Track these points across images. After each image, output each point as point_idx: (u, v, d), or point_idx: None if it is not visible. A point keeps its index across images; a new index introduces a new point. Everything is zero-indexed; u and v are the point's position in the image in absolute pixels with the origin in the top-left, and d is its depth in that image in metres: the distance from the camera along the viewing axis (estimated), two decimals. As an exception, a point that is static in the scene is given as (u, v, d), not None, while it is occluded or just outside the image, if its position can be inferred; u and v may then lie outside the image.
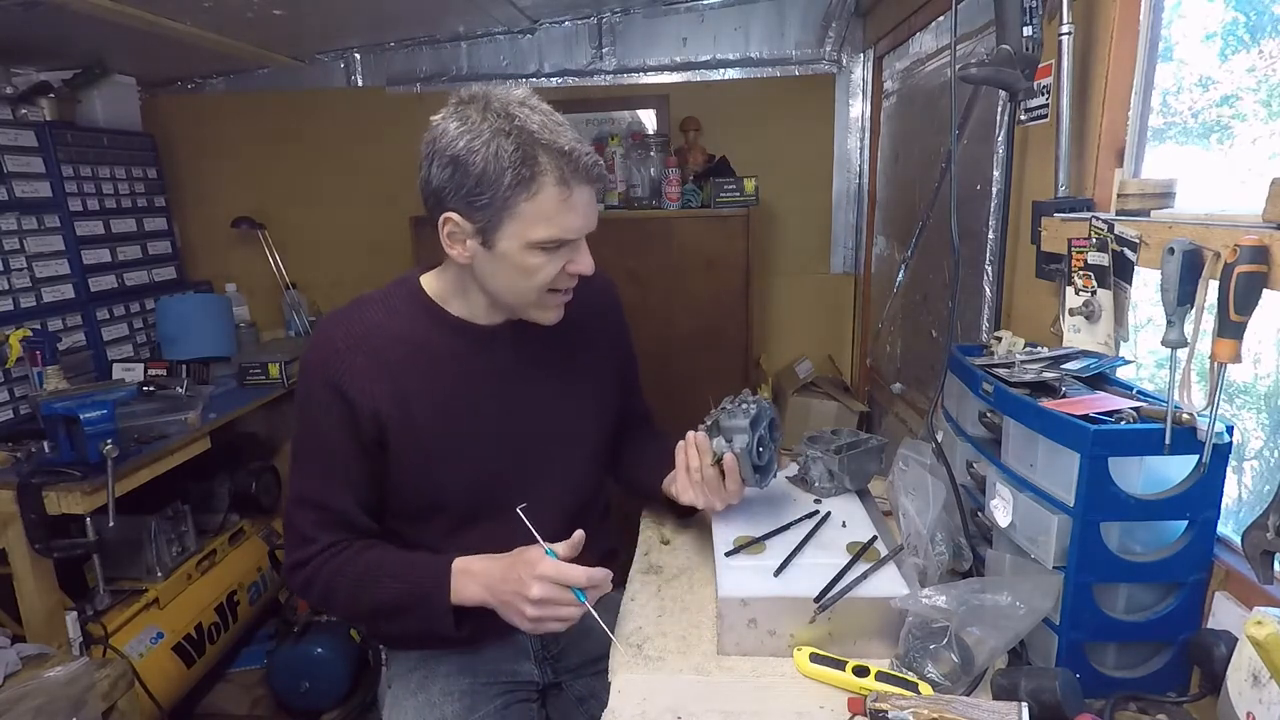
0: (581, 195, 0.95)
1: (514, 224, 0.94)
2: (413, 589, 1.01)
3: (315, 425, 1.04)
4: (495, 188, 0.91)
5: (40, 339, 1.91)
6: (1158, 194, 1.01)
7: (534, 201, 0.92)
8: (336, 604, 1.06)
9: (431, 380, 1.05)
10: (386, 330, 1.05)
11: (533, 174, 0.91)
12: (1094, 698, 0.82)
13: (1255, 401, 1.01)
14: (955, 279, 1.26)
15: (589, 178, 0.94)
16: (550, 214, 0.93)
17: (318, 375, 1.02)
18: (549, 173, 0.91)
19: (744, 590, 0.95)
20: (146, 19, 1.89)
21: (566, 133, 0.93)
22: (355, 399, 1.01)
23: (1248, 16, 0.99)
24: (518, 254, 0.96)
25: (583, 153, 0.93)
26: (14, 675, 1.48)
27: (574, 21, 2.52)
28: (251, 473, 2.42)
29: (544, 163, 0.91)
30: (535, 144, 0.91)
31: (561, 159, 0.91)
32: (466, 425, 1.07)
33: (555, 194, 0.92)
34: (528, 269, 0.97)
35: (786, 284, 2.65)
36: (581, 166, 0.93)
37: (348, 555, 1.04)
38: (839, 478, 1.24)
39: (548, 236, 0.94)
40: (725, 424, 1.09)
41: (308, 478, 1.05)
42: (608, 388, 1.23)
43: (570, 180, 0.92)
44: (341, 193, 2.72)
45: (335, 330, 1.05)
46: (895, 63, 2.16)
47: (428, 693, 1.11)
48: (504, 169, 0.90)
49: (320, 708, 2.15)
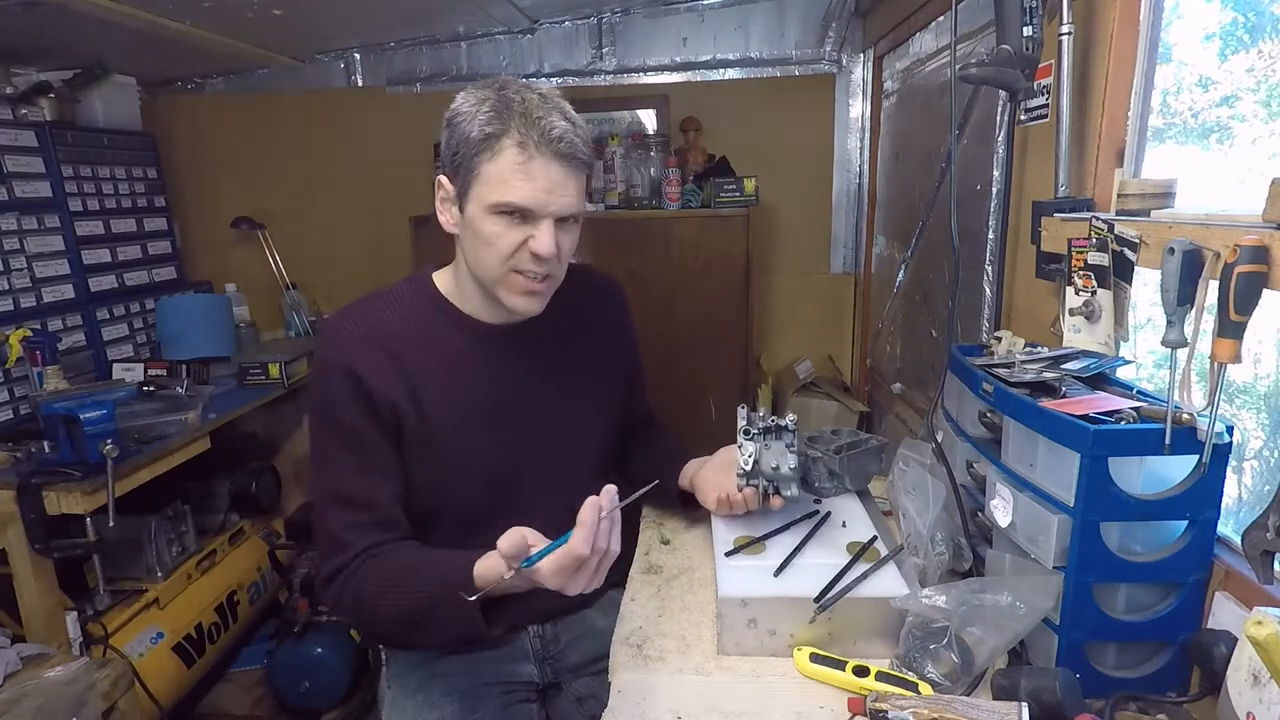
0: (542, 166, 0.93)
1: (478, 186, 0.95)
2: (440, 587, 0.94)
3: (337, 418, 1.01)
4: (465, 146, 0.94)
5: (40, 339, 1.91)
6: (1158, 194, 1.01)
7: (494, 163, 0.93)
8: (369, 610, 0.99)
9: (442, 378, 1.05)
10: (398, 327, 1.05)
11: (497, 133, 0.92)
12: (1094, 698, 0.82)
13: (1255, 401, 1.01)
14: (955, 279, 1.26)
15: (555, 151, 0.92)
16: (506, 177, 0.93)
17: (335, 367, 1.00)
18: (510, 134, 0.92)
19: (744, 590, 0.95)
20: (146, 19, 1.89)
21: (552, 114, 0.93)
22: (373, 388, 1.00)
23: (1247, 17, 0.99)
24: (479, 219, 0.96)
25: (554, 125, 0.92)
26: (14, 675, 1.48)
27: (574, 21, 2.52)
28: (251, 473, 2.42)
29: (510, 125, 0.92)
30: (509, 109, 0.92)
31: (526, 125, 0.91)
32: (476, 425, 1.07)
33: (513, 156, 0.92)
34: (487, 238, 0.96)
35: (786, 284, 2.65)
36: (547, 137, 0.92)
37: (375, 562, 0.99)
38: (839, 478, 1.24)
39: (500, 200, 0.93)
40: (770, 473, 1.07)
41: (338, 473, 1.02)
42: (614, 388, 1.23)
43: (531, 147, 0.92)
44: (341, 193, 2.72)
45: (348, 325, 1.04)
46: (895, 63, 2.16)
47: (428, 693, 1.11)
48: (476, 127, 0.92)
49: (320, 708, 2.15)
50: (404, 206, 2.37)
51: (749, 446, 1.08)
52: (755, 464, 1.08)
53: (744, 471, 1.08)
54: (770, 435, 1.08)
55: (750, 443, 1.08)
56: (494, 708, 1.10)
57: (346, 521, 1.01)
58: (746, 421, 1.09)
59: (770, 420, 1.08)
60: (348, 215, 2.73)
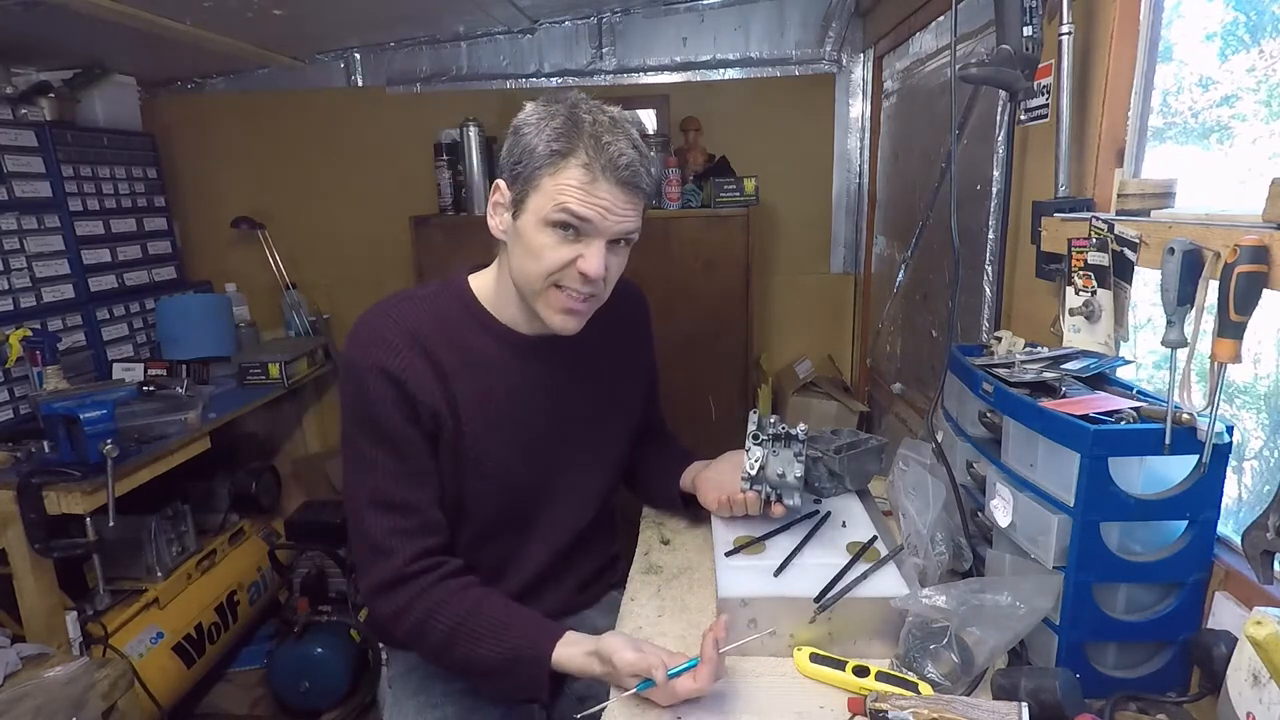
0: (606, 190, 0.93)
1: (536, 197, 0.94)
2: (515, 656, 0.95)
3: (376, 421, 0.99)
4: (531, 157, 0.93)
5: (40, 339, 1.91)
6: (1158, 194, 1.01)
7: (556, 177, 0.92)
8: (427, 643, 0.99)
9: (475, 386, 1.04)
10: (433, 330, 1.03)
11: (564, 151, 0.92)
12: (1094, 698, 0.82)
13: (1255, 401, 1.01)
14: (955, 279, 1.26)
15: (619, 178, 0.92)
16: (566, 192, 0.92)
17: (374, 370, 0.98)
18: (578, 154, 0.92)
19: (744, 590, 0.95)
20: (146, 19, 1.89)
21: (620, 139, 0.93)
22: (415, 393, 0.99)
23: (1248, 16, 0.99)
24: (532, 230, 0.95)
25: (622, 153, 0.92)
26: (14, 675, 1.48)
27: (574, 21, 2.52)
28: (251, 473, 2.42)
29: (577, 145, 0.92)
30: (579, 128, 0.92)
31: (595, 148, 0.92)
32: (504, 434, 1.07)
33: (577, 175, 0.92)
34: (535, 249, 0.96)
35: (786, 284, 2.65)
36: (614, 164, 0.92)
37: (449, 597, 0.98)
38: (839, 478, 1.23)
39: (556, 207, 0.93)
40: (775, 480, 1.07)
41: (379, 477, 1.00)
42: (635, 401, 1.24)
43: (596, 170, 0.92)
44: (341, 193, 2.72)
45: (386, 327, 1.01)
46: (895, 63, 2.16)
47: (428, 693, 1.11)
48: (543, 141, 0.93)
49: (320, 708, 2.16)
50: (404, 206, 2.37)
51: (756, 451, 1.08)
52: (761, 469, 1.07)
53: (749, 475, 1.08)
54: (779, 442, 1.08)
55: (758, 448, 1.08)
56: (494, 707, 1.10)
57: (388, 527, 0.99)
58: (756, 426, 1.09)
59: (781, 427, 1.08)
60: (348, 215, 2.73)
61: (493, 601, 1.00)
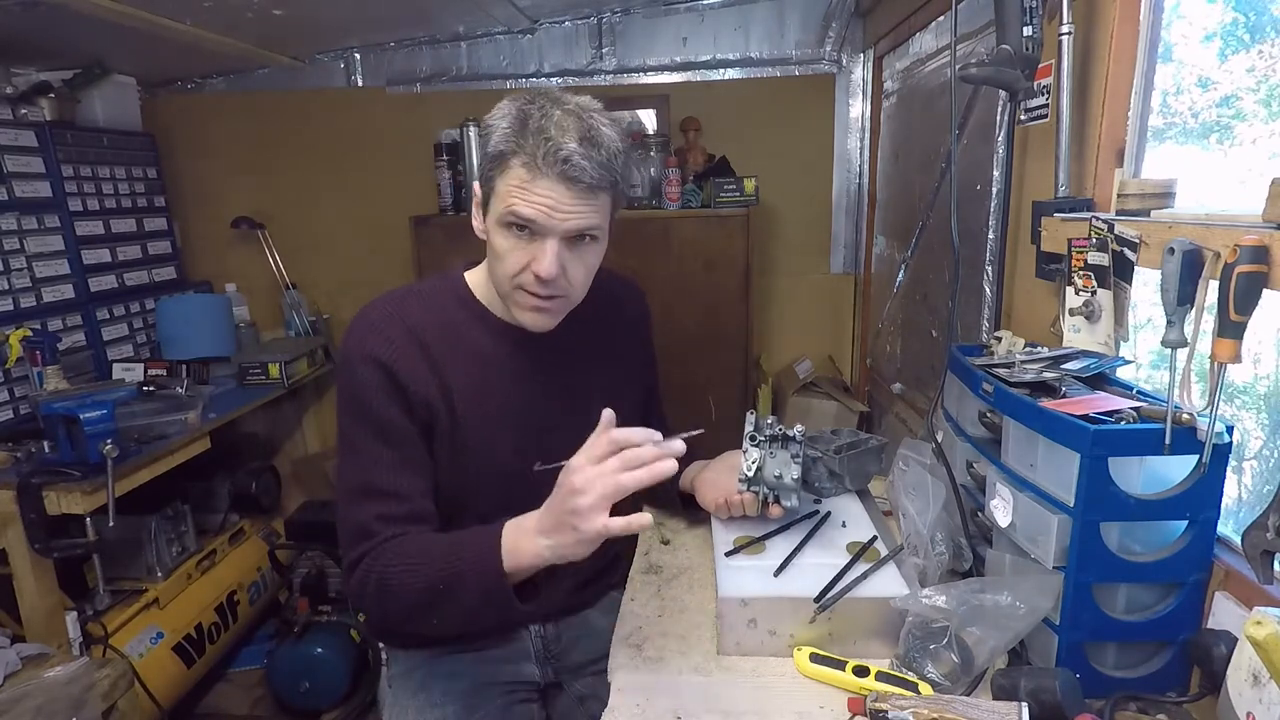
0: (546, 187, 0.91)
1: (494, 200, 0.96)
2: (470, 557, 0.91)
3: (368, 409, 0.99)
4: (487, 159, 0.95)
5: (40, 339, 1.91)
6: (1158, 194, 1.01)
7: (504, 178, 0.93)
8: (393, 593, 0.96)
9: (471, 377, 1.05)
10: (430, 322, 1.04)
11: (509, 151, 0.92)
12: (1094, 698, 0.82)
13: (1255, 401, 1.01)
14: (955, 279, 1.26)
15: (559, 173, 0.90)
16: (511, 193, 0.92)
17: (367, 359, 0.99)
18: (520, 153, 0.91)
19: (744, 590, 0.95)
20: (146, 19, 1.89)
21: (566, 133, 0.90)
22: (407, 384, 0.99)
23: (1247, 17, 0.99)
24: (494, 231, 0.97)
25: (561, 147, 0.89)
26: (14, 675, 1.48)
27: (574, 21, 2.52)
28: (251, 473, 2.42)
29: (522, 144, 0.91)
30: (525, 125, 0.91)
31: (538, 145, 0.90)
32: (500, 425, 1.07)
33: (519, 175, 0.92)
34: (499, 251, 0.97)
35: (786, 284, 2.65)
36: (552, 159, 0.89)
37: (402, 541, 0.97)
38: (839, 478, 1.23)
39: (504, 210, 0.93)
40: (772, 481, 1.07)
41: (369, 465, 1.00)
42: (634, 397, 1.24)
43: (536, 167, 0.90)
44: (341, 193, 2.72)
45: (381, 320, 1.02)
46: (895, 63, 2.16)
47: (428, 693, 1.11)
48: (494, 142, 0.93)
49: (320, 708, 2.16)
50: (404, 206, 2.37)
51: (754, 452, 1.08)
52: (758, 470, 1.07)
53: (746, 477, 1.07)
54: (777, 444, 1.08)
55: (756, 449, 1.08)
56: (495, 707, 1.10)
57: (376, 512, 0.99)
58: (754, 428, 1.08)
59: (778, 429, 1.08)
60: (348, 215, 2.73)
61: (438, 535, 0.99)
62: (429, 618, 0.97)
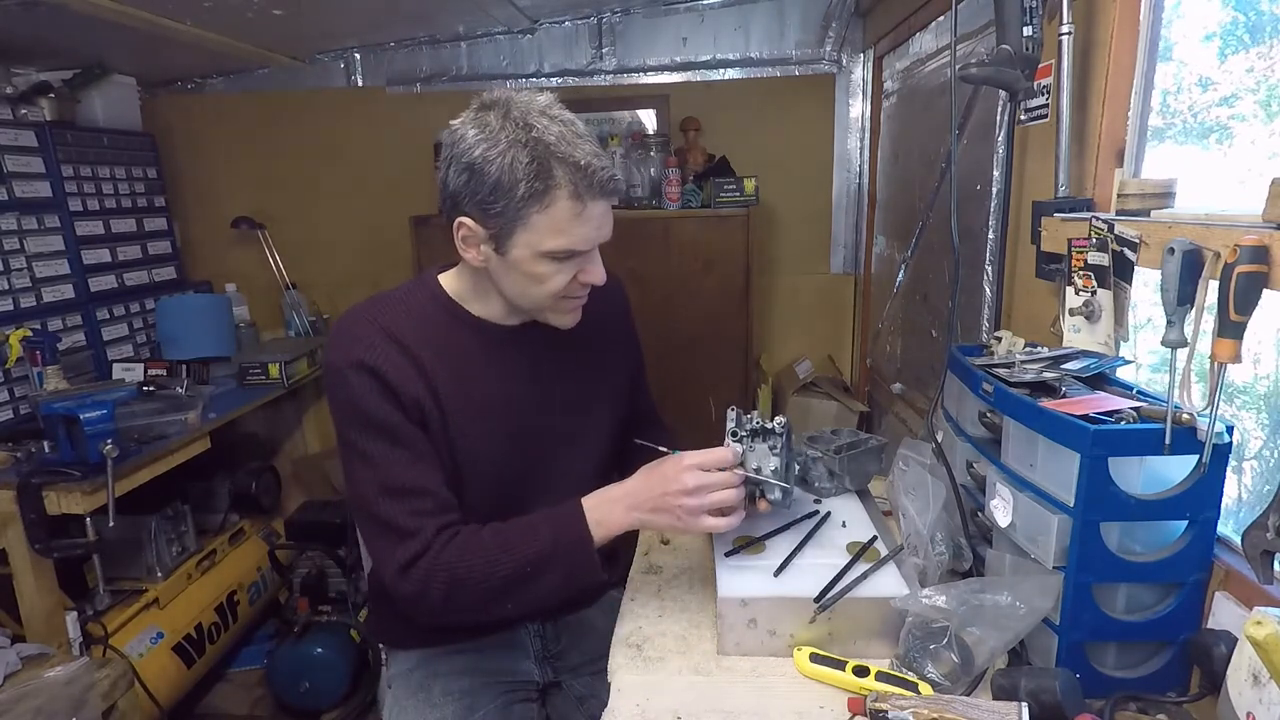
0: (596, 209, 0.94)
1: (526, 233, 0.93)
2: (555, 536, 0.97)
3: (369, 414, 0.99)
4: (509, 198, 0.91)
5: (40, 339, 1.91)
6: (1158, 194, 1.01)
7: (546, 214, 0.92)
8: (469, 587, 0.97)
9: (457, 380, 1.05)
10: (409, 326, 1.04)
11: (547, 187, 0.90)
12: (1094, 698, 0.82)
13: (1255, 401, 1.01)
14: (955, 279, 1.26)
15: (604, 191, 0.93)
16: (563, 226, 0.93)
17: (355, 366, 0.98)
18: (563, 186, 0.91)
19: (744, 590, 0.95)
20: (146, 19, 1.89)
21: (585, 145, 0.92)
22: (397, 386, 0.99)
23: (1247, 17, 0.99)
24: (529, 262, 0.96)
25: (599, 167, 0.92)
26: (14, 675, 1.48)
27: (574, 21, 2.52)
28: (251, 473, 2.42)
29: (559, 176, 0.90)
30: (551, 156, 0.90)
31: (577, 173, 0.91)
32: (488, 426, 1.07)
33: (569, 207, 0.92)
34: (538, 277, 0.97)
35: (786, 284, 2.65)
36: (597, 181, 0.92)
37: (465, 535, 0.99)
38: (839, 478, 1.24)
39: (559, 247, 0.94)
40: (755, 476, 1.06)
41: (384, 468, 0.99)
42: (621, 388, 1.24)
43: (584, 194, 0.92)
44: (341, 193, 2.72)
45: (361, 326, 1.02)
46: (895, 63, 2.16)
47: (428, 692, 1.11)
48: (518, 180, 0.90)
49: (320, 708, 2.16)
50: (404, 206, 2.37)
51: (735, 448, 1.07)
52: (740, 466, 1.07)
53: None
54: (756, 438, 1.08)
55: (737, 444, 1.07)
56: (495, 707, 1.11)
57: (406, 509, 0.98)
58: (735, 423, 1.08)
59: (758, 422, 1.08)
60: (348, 215, 2.73)
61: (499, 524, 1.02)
62: (504, 604, 1.00)
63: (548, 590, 0.98)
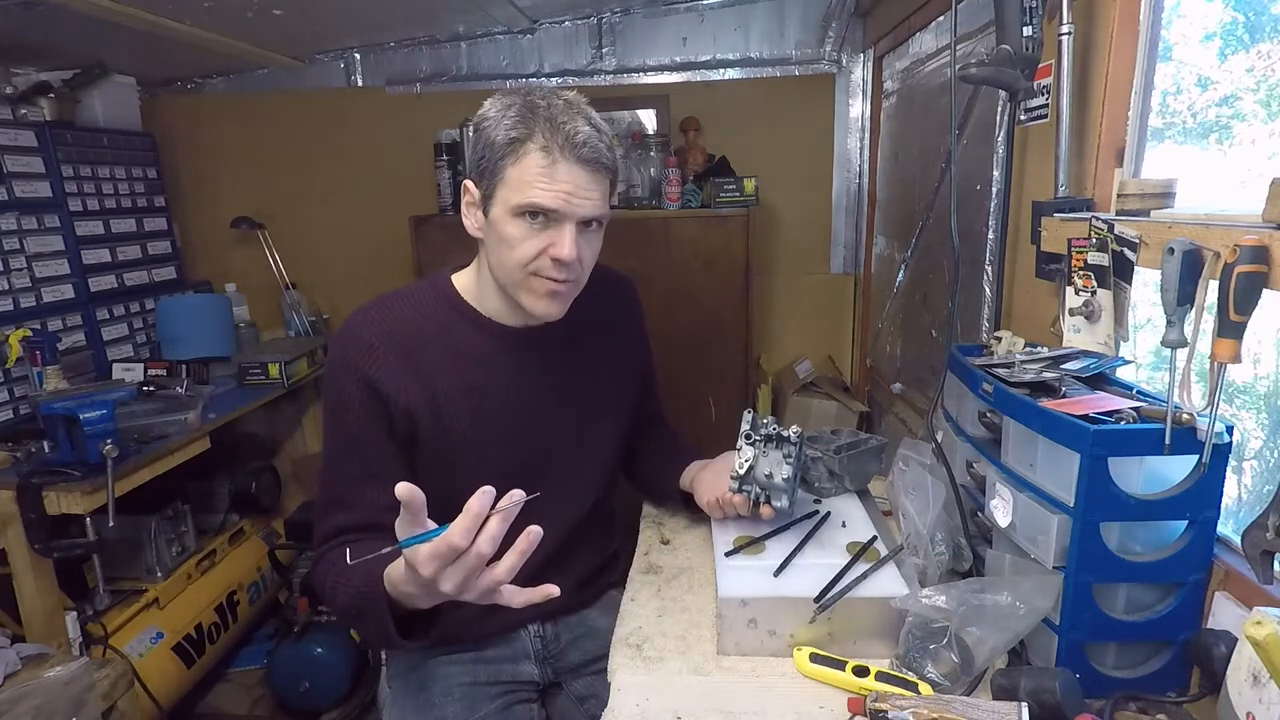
0: (566, 171, 0.93)
1: (502, 189, 0.95)
2: (360, 591, 0.90)
3: (345, 423, 1.01)
4: (491, 150, 0.95)
5: (40, 339, 1.91)
6: (1158, 194, 1.01)
7: (518, 166, 0.93)
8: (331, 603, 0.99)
9: (461, 381, 1.05)
10: (417, 329, 1.04)
11: (522, 136, 0.93)
12: (1094, 698, 0.82)
13: (1255, 401, 1.01)
14: (955, 279, 1.26)
15: (579, 157, 0.93)
16: (529, 180, 0.93)
17: (348, 372, 1.01)
18: (535, 138, 0.92)
19: (744, 590, 0.95)
20: (146, 19, 1.89)
21: (576, 118, 0.93)
22: (389, 394, 1.00)
23: (1247, 17, 0.99)
24: (502, 221, 0.96)
25: (578, 130, 0.93)
26: (14, 675, 1.48)
27: (574, 21, 2.52)
28: (251, 473, 2.42)
29: (534, 130, 0.92)
30: (534, 113, 0.93)
31: (551, 130, 0.92)
32: (492, 426, 1.07)
33: (537, 159, 0.92)
34: (509, 240, 0.96)
35: (786, 284, 2.65)
36: (571, 142, 0.92)
37: (331, 557, 0.99)
38: (839, 478, 1.24)
39: (522, 202, 0.93)
40: (763, 481, 1.07)
41: (341, 479, 1.03)
42: (628, 390, 1.24)
43: (555, 151, 0.92)
44: (341, 193, 2.72)
45: (365, 327, 1.03)
46: (895, 63, 2.16)
47: (428, 692, 1.11)
48: (501, 131, 0.94)
49: (320, 708, 2.15)
50: (404, 206, 2.37)
51: (747, 451, 1.07)
52: (750, 470, 1.07)
53: (737, 475, 1.07)
54: (770, 443, 1.08)
55: (750, 447, 1.07)
56: (494, 707, 1.11)
57: (340, 522, 1.01)
58: (749, 426, 1.08)
59: (774, 428, 1.08)
60: (348, 215, 2.73)
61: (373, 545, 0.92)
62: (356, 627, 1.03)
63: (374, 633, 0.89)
